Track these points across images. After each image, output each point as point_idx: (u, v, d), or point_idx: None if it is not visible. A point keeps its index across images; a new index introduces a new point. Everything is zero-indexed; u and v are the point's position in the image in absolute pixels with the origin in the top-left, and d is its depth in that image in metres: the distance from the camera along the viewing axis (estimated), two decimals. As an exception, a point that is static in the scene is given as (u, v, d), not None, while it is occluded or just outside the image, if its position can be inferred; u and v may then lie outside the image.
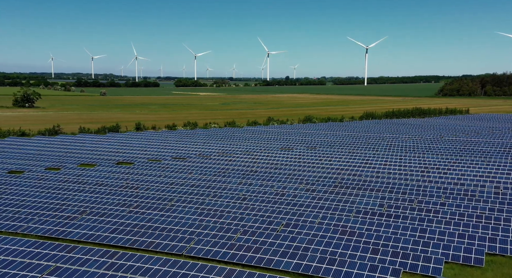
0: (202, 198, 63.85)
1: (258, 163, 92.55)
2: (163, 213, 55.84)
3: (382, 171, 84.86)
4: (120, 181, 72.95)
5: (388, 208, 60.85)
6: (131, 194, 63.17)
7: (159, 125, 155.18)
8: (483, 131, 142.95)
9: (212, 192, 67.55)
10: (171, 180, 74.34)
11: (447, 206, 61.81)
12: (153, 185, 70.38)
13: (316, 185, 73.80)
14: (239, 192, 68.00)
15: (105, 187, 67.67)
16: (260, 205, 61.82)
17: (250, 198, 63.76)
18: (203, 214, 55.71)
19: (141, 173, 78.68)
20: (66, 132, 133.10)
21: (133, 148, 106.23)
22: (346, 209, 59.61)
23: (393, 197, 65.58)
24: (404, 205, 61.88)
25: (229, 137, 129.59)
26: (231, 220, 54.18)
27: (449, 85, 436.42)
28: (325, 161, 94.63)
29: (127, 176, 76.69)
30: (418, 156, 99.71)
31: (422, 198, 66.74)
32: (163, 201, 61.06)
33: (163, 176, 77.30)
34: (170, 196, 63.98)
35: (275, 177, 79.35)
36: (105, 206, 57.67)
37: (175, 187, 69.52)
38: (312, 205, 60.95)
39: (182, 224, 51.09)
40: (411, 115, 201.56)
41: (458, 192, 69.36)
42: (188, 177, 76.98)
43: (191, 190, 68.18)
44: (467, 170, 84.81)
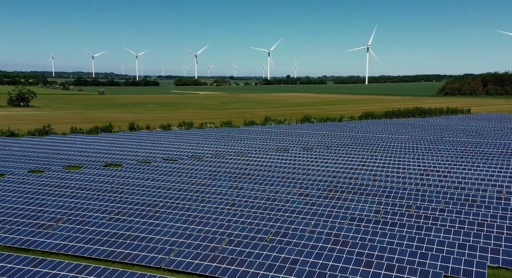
0: (188, 204, 60.66)
1: (252, 165, 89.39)
2: (145, 220, 52.63)
3: (379, 173, 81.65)
4: (105, 184, 69.77)
5: (384, 215, 57.65)
6: (114, 199, 59.97)
7: (155, 125, 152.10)
8: (485, 132, 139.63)
9: (200, 197, 64.37)
10: (158, 184, 71.15)
11: (447, 212, 58.59)
12: (139, 189, 67.20)
13: (310, 189, 70.60)
14: (228, 197, 64.80)
15: (88, 191, 64.50)
16: (250, 211, 58.63)
17: (239, 204, 60.58)
18: (187, 221, 52.51)
19: (128, 176, 75.49)
20: (57, 132, 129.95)
21: (123, 149, 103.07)
22: (340, 216, 56.40)
23: (390, 202, 62.38)
24: (402, 211, 58.66)
25: (224, 137, 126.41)
26: (217, 228, 50.98)
27: (450, 85, 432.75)
28: (321, 163, 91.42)
29: (113, 179, 73.53)
30: (418, 157, 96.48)
31: (420, 203, 63.54)
32: (147, 207, 57.87)
33: (151, 179, 74.11)
34: (155, 202, 60.82)
35: (268, 180, 76.17)
36: (85, 213, 54.48)
37: (162, 192, 66.35)
38: (305, 211, 57.73)
39: (163, 233, 47.90)
40: (412, 115, 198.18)
41: (458, 196, 66.15)
42: (177, 180, 73.80)
43: (178, 194, 65.01)
44: (468, 172, 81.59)
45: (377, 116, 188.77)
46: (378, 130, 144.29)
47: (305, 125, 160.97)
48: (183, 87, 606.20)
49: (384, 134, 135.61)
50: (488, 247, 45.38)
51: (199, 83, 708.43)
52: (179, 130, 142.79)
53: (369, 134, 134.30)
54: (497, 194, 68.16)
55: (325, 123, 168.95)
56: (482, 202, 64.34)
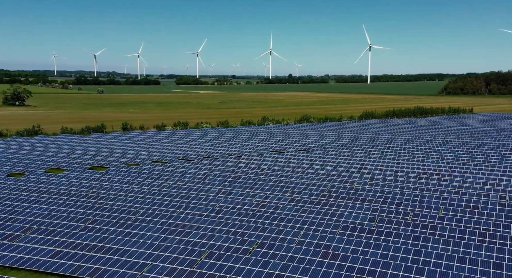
0: (172, 211, 57.08)
1: (244, 167, 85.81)
2: (122, 230, 49.05)
3: (376, 177, 77.98)
4: (86, 189, 66.24)
5: (379, 223, 53.97)
6: (93, 206, 56.42)
7: (151, 125, 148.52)
8: (487, 133, 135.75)
9: (185, 203, 60.78)
10: (143, 188, 67.62)
11: (446, 220, 54.91)
12: (121, 195, 63.64)
13: (303, 194, 66.99)
14: (215, 203, 61.21)
15: (66, 197, 60.95)
16: (236, 219, 55.02)
17: (226, 210, 56.98)
18: (167, 231, 48.92)
19: (112, 180, 71.95)
20: (47, 132, 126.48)
21: (112, 151, 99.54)
22: (331, 224, 52.75)
23: (386, 209, 58.73)
24: (398, 219, 54.99)
25: (218, 138, 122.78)
26: (198, 239, 47.39)
27: (453, 84, 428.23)
28: (316, 166, 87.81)
29: (96, 183, 70.02)
30: (417, 159, 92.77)
31: (418, 210, 59.90)
32: (127, 214, 54.30)
33: (136, 183, 70.55)
34: (136, 208, 57.28)
35: (259, 184, 72.61)
36: (58, 221, 50.91)
37: (145, 197, 62.79)
38: (294, 219, 54.11)
39: (139, 245, 44.34)
40: (413, 114, 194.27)
41: (459, 202, 62.48)
42: (163, 184, 70.23)
43: (162, 200, 61.48)
44: (469, 176, 77.90)
45: (377, 116, 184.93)
46: (377, 131, 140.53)
47: (304, 125, 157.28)
48: (184, 86, 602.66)
49: (383, 135, 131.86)
50: (491, 261, 41.68)
51: (200, 82, 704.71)
52: (174, 130, 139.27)
53: (368, 135, 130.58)
54: (500, 199, 64.42)
55: (324, 123, 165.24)
56: (484, 208, 60.70)
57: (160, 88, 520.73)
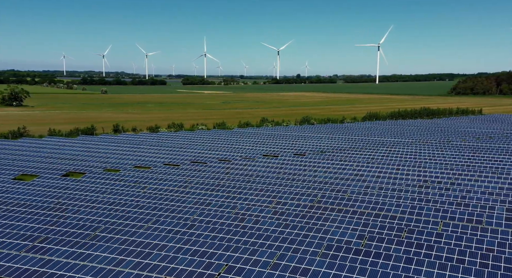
0: (138, 226, 51.29)
1: (232, 173, 79.96)
2: (74, 250, 43.29)
3: (372, 185, 71.79)
4: (51, 199, 60.67)
5: (368, 241, 47.86)
6: (50, 220, 50.81)
7: (145, 126, 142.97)
8: (496, 135, 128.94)
9: (156, 217, 55.02)
10: (114, 198, 61.99)
11: (445, 238, 48.69)
12: (87, 206, 57.97)
13: (289, 205, 61.08)
14: (189, 216, 55.37)
15: (25, 208, 55.34)
16: (208, 236, 49.13)
17: (199, 226, 51.13)
18: (126, 251, 43.11)
19: (84, 188, 66.34)
20: (33, 134, 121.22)
21: (95, 154, 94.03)
22: (314, 243, 46.75)
23: (379, 223, 52.63)
24: (390, 237, 48.93)
25: (211, 141, 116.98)
26: (158, 261, 41.55)
27: (463, 84, 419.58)
28: (310, 172, 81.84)
29: (65, 192, 64.48)
30: (419, 165, 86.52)
31: (414, 225, 53.78)
32: (86, 231, 48.59)
33: (108, 192, 64.88)
34: (99, 223, 51.56)
35: (244, 193, 66.87)
36: (3, 240, 45.21)
37: (114, 209, 57.07)
38: (274, 237, 48.13)
39: (87, 270, 38.58)
40: (419, 116, 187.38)
41: (460, 216, 56.34)
42: (138, 193, 64.52)
43: (130, 213, 55.77)
44: (474, 184, 71.52)
45: (381, 117, 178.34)
46: (380, 133, 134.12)
47: (303, 127, 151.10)
48: (190, 86, 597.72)
49: (385, 137, 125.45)
50: (492, 293, 35.54)
51: (207, 82, 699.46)
52: (167, 132, 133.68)
53: (369, 138, 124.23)
54: (507, 213, 58.08)
55: (325, 125, 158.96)
56: (488, 223, 54.49)
57: (165, 89, 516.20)
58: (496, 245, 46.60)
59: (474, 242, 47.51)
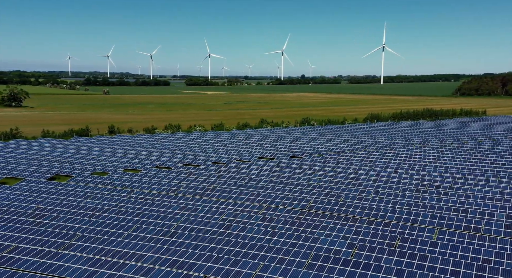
0: (118, 234, 48.85)
1: (224, 177, 77.53)
2: (45, 261, 40.90)
3: (368, 189, 69.19)
4: (31, 204, 58.39)
5: (359, 251, 45.27)
6: (25, 228, 48.45)
7: (142, 127, 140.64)
8: (500, 137, 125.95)
9: (138, 223, 52.57)
10: (97, 204, 59.65)
11: (440, 247, 46.05)
12: (67, 212, 55.60)
13: (279, 211, 58.59)
14: (173, 223, 52.94)
15: (2, 215, 53.01)
16: (190, 245, 46.67)
17: (181, 233, 48.70)
18: (99, 262, 40.67)
19: (68, 192, 64.02)
20: (26, 136, 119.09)
21: (86, 156, 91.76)
22: (301, 252, 44.21)
23: (371, 231, 50.03)
24: (382, 246, 46.44)
25: (207, 142, 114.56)
26: (133, 274, 39.15)
27: (467, 84, 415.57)
28: (304, 175, 79.33)
29: (47, 196, 62.17)
30: (418, 168, 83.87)
31: (409, 232, 51.14)
32: (61, 239, 46.24)
33: (93, 196, 62.53)
34: (76, 231, 49.19)
35: (234, 198, 64.56)
36: (-29, 248, 42.87)
37: (94, 215, 54.68)
38: (259, 245, 45.60)
39: (54, 282, 36.15)
40: (421, 117, 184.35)
41: (458, 223, 53.72)
42: (123, 198, 62.15)
43: (112, 219, 53.33)
44: (474, 189, 68.80)
45: (383, 118, 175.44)
46: (380, 135, 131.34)
47: (303, 128, 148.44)
48: (194, 87, 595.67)
49: (385, 139, 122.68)
50: (487, 310, 32.90)
51: (211, 83, 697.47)
52: (163, 134, 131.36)
53: (369, 139, 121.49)
54: (507, 220, 55.46)
55: (325, 126, 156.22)
56: (487, 231, 51.80)
57: (168, 89, 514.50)
58: (494, 255, 43.94)
59: (470, 251, 44.87)
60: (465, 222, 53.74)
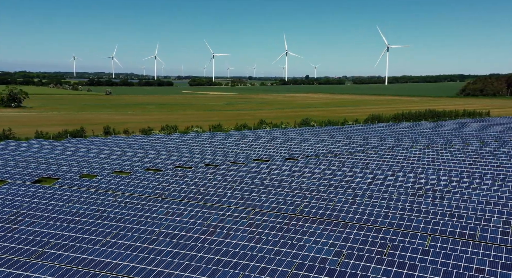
0: (95, 240, 46.85)
1: (215, 179, 75.43)
2: (12, 271, 38.77)
3: (362, 193, 67.03)
4: (10, 209, 56.43)
5: (346, 259, 43.08)
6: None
7: (138, 128, 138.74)
8: (502, 139, 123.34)
9: (118, 229, 50.57)
10: (78, 208, 57.69)
11: (431, 255, 43.82)
12: (46, 217, 53.66)
13: (268, 216, 56.48)
14: (155, 229, 50.88)
15: (-23, 220, 51.12)
16: (170, 252, 44.61)
17: (162, 240, 46.65)
18: (70, 272, 38.60)
19: (50, 196, 62.10)
20: (19, 137, 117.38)
21: (76, 158, 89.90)
22: (285, 261, 42.05)
23: (361, 238, 47.86)
24: (371, 254, 44.33)
25: (203, 144, 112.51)
26: (104, 283, 37.04)
27: (472, 85, 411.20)
28: (298, 178, 77.19)
29: (28, 200, 60.25)
30: (416, 171, 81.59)
31: (400, 239, 48.93)
32: (33, 247, 44.20)
33: (75, 200, 60.60)
34: (51, 238, 47.13)
35: (222, 202, 62.58)
36: None
37: (74, 221, 52.69)
38: (241, 254, 43.49)
39: (18, 293, 34.14)
40: (423, 118, 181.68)
41: (452, 229, 51.51)
42: (107, 202, 60.15)
43: (92, 225, 51.35)
44: (471, 193, 66.44)
45: (384, 119, 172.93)
46: (379, 136, 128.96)
47: (302, 129, 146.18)
48: (197, 87, 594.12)
49: (385, 140, 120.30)
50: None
51: (214, 83, 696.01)
52: (159, 135, 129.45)
53: (368, 141, 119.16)
54: (504, 225, 53.16)
55: (325, 127, 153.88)
56: (482, 238, 49.53)
57: (171, 90, 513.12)
58: (488, 264, 41.66)
59: (463, 260, 42.62)
60: (460, 228, 51.51)
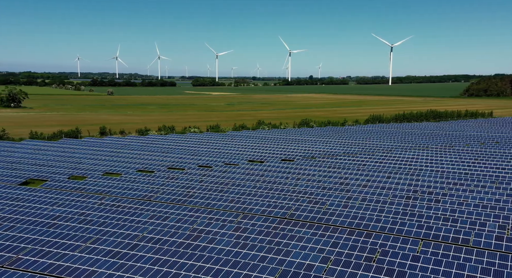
0: (75, 246, 45.36)
1: (207, 181, 73.91)
2: (-16, 276, 37.41)
3: (356, 196, 65.36)
4: (-7, 212, 55.04)
5: (333, 265, 41.45)
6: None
7: (134, 129, 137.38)
8: (504, 140, 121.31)
9: (100, 234, 49.08)
10: (61, 212, 56.24)
11: (422, 261, 42.17)
12: (27, 221, 52.23)
13: (256, 219, 54.93)
14: (139, 233, 49.47)
15: (-44, 223, 49.73)
16: (151, 258, 43.04)
17: (144, 246, 45.15)
18: None
19: (36, 199, 60.74)
20: (13, 137, 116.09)
21: (68, 159, 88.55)
22: (269, 268, 40.48)
23: (351, 243, 46.26)
24: (359, 260, 42.75)
25: (199, 144, 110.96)
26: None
27: (476, 85, 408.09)
28: (292, 180, 75.58)
29: (12, 203, 58.81)
30: (412, 173, 79.84)
31: (391, 244, 47.28)
32: (8, 253, 42.50)
33: (59, 203, 59.19)
34: (28, 244, 45.58)
35: (212, 205, 61.21)
36: None
37: (55, 225, 51.25)
38: (225, 260, 41.92)
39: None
40: (425, 118, 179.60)
41: (445, 234, 49.83)
42: (93, 205, 58.69)
43: (72, 230, 49.83)
44: (468, 196, 64.74)
45: (385, 119, 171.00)
46: (379, 137, 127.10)
47: (301, 130, 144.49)
48: (200, 87, 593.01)
49: (384, 141, 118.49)
50: None
51: (217, 83, 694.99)
52: (156, 135, 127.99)
53: (366, 142, 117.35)
54: (499, 230, 51.40)
55: (324, 128, 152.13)
56: (476, 243, 47.83)
57: (173, 90, 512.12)
58: (480, 271, 39.96)
59: (454, 267, 40.92)
60: (453, 233, 49.81)
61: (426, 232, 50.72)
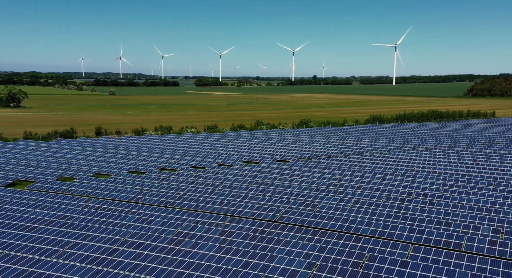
0: (52, 251, 43.99)
1: (198, 183, 72.39)
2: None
3: (349, 198, 63.82)
4: (-27, 215, 53.68)
5: (318, 272, 39.88)
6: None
7: (129, 129, 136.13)
8: (504, 141, 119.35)
9: (80, 238, 47.58)
10: (43, 215, 54.86)
11: (410, 267, 40.53)
12: (6, 224, 50.85)
13: (243, 223, 53.40)
14: (120, 237, 47.99)
15: None
16: (129, 264, 41.61)
17: (123, 251, 43.69)
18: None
19: (20, 201, 59.37)
20: (7, 137, 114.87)
21: (58, 160, 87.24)
22: (251, 275, 38.95)
23: (338, 248, 44.71)
24: (346, 266, 41.11)
25: (194, 145, 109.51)
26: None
27: (480, 85, 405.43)
28: (284, 181, 73.97)
29: (-5, 205, 57.48)
30: (409, 174, 78.17)
31: (380, 249, 45.70)
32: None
33: (42, 206, 57.79)
34: (4, 249, 44.24)
35: (200, 208, 59.81)
36: None
37: (34, 229, 49.83)
38: (205, 266, 40.44)
39: None
40: (426, 118, 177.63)
41: (437, 238, 48.25)
42: (77, 208, 57.27)
43: (52, 234, 48.40)
44: (463, 198, 63.00)
45: (385, 120, 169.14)
46: (378, 137, 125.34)
47: (299, 130, 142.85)
48: (203, 87, 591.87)
49: (383, 142, 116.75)
50: None
51: (220, 83, 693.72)
52: (152, 136, 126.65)
53: (365, 142, 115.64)
54: (493, 234, 49.73)
55: (323, 128, 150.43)
56: (468, 247, 46.18)
57: (176, 90, 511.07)
58: (469, 277, 38.28)
59: (443, 273, 39.28)
60: (445, 237, 48.17)
61: (417, 236, 49.11)
